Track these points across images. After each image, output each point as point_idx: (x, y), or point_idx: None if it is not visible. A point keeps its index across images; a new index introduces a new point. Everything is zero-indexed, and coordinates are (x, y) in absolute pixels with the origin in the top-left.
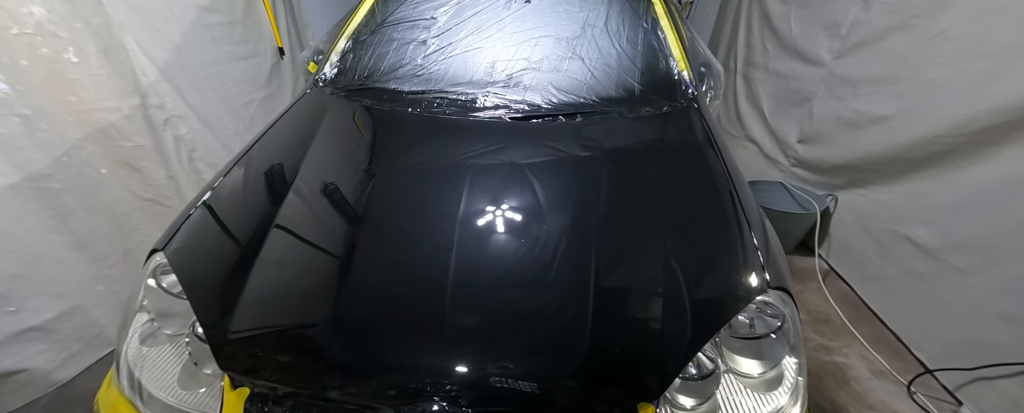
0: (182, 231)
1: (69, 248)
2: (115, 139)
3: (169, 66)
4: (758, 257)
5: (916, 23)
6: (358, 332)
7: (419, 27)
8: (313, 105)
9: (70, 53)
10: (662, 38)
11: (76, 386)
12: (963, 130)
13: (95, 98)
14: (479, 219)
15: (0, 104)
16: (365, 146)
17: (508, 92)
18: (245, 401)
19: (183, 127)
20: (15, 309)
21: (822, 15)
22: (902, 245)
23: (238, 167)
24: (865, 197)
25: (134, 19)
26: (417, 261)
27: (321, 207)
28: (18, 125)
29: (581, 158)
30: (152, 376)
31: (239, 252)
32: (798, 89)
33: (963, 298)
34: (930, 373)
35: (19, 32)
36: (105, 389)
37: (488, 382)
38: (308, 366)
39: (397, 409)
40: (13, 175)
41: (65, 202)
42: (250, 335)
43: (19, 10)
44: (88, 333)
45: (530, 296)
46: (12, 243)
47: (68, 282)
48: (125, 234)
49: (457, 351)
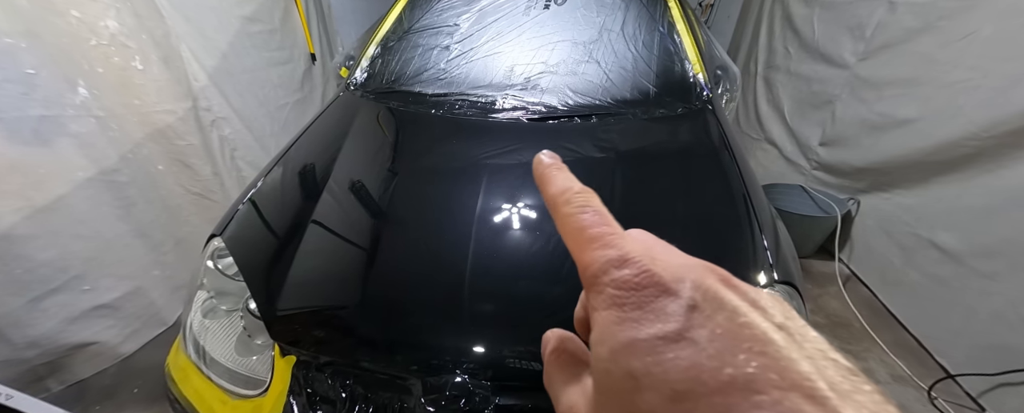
0: (234, 222)
1: (132, 235)
2: (170, 138)
3: (217, 72)
4: (767, 257)
5: (943, 24)
6: (385, 313)
7: (443, 33)
8: (344, 108)
9: (136, 61)
10: (678, 41)
11: (137, 360)
12: (991, 133)
13: (155, 101)
14: (496, 214)
15: (81, 107)
16: (392, 146)
17: (526, 94)
18: (293, 367)
19: (227, 128)
20: (89, 288)
21: (846, 17)
22: (926, 250)
23: (279, 166)
24: (889, 201)
25: (189, 29)
26: (438, 251)
27: (353, 202)
28: (94, 125)
29: (595, 158)
30: (213, 344)
31: (283, 241)
32: (820, 91)
33: (989, 303)
34: (952, 378)
35: (96, 43)
36: (174, 354)
37: (504, 360)
38: (344, 340)
39: (423, 379)
40: (90, 169)
41: (130, 194)
42: (296, 312)
43: (96, 23)
44: (147, 312)
45: (543, 287)
46: (88, 230)
47: (131, 266)
48: (177, 224)
49: (474, 332)
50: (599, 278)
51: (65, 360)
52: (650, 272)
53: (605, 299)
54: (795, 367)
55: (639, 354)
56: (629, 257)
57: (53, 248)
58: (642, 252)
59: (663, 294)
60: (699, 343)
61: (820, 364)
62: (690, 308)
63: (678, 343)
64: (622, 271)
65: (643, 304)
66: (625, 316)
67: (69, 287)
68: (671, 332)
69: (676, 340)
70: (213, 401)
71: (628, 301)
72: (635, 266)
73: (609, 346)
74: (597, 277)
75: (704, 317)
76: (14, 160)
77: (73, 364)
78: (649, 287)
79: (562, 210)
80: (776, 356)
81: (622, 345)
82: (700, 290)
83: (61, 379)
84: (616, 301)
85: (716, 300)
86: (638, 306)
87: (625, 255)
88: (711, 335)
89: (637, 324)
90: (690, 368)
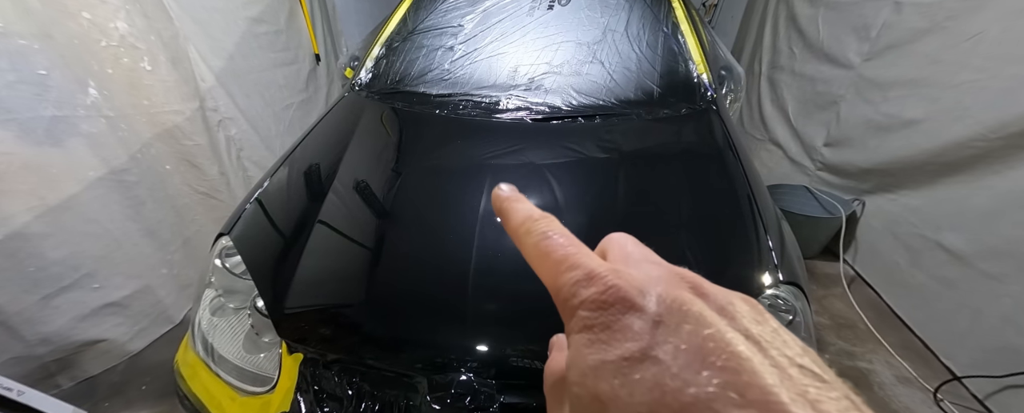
0: (241, 221)
1: (141, 234)
2: (178, 139)
3: (223, 73)
4: (772, 257)
5: (950, 25)
6: (391, 311)
7: (447, 34)
8: (350, 108)
9: (145, 62)
10: (682, 42)
11: (145, 357)
12: (998, 134)
13: (163, 102)
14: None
15: (91, 107)
16: (397, 146)
17: (530, 95)
18: (300, 364)
19: (233, 128)
20: (99, 286)
21: (851, 17)
22: (933, 251)
23: (286, 166)
24: (894, 202)
25: (197, 31)
26: (443, 251)
27: (359, 202)
28: (104, 126)
29: (599, 158)
30: (221, 341)
31: (290, 241)
32: (825, 92)
33: (996, 305)
34: (958, 380)
35: (107, 44)
36: (182, 351)
37: (508, 358)
38: (350, 338)
39: (429, 377)
40: (101, 169)
41: (139, 193)
42: (303, 311)
43: (107, 25)
44: (154, 311)
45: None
46: (98, 228)
47: (140, 264)
48: (184, 223)
49: (478, 330)
50: (569, 301)
51: (75, 357)
52: (615, 287)
53: (577, 322)
54: (758, 381)
55: (606, 377)
56: (594, 273)
57: (65, 246)
58: (607, 268)
59: (629, 310)
60: (663, 361)
61: (787, 373)
62: (655, 323)
63: (643, 363)
64: (589, 290)
65: (610, 324)
66: (594, 337)
67: (80, 285)
68: (636, 351)
69: (641, 360)
70: (222, 398)
71: (597, 321)
72: (600, 283)
73: (579, 369)
74: (568, 301)
75: (669, 331)
76: (27, 160)
77: (83, 361)
78: (615, 304)
79: (525, 240)
80: (739, 369)
81: (590, 368)
82: (665, 303)
83: (71, 376)
84: (586, 323)
85: (680, 312)
86: (606, 326)
87: (590, 272)
88: (675, 351)
89: (606, 345)
90: (654, 388)
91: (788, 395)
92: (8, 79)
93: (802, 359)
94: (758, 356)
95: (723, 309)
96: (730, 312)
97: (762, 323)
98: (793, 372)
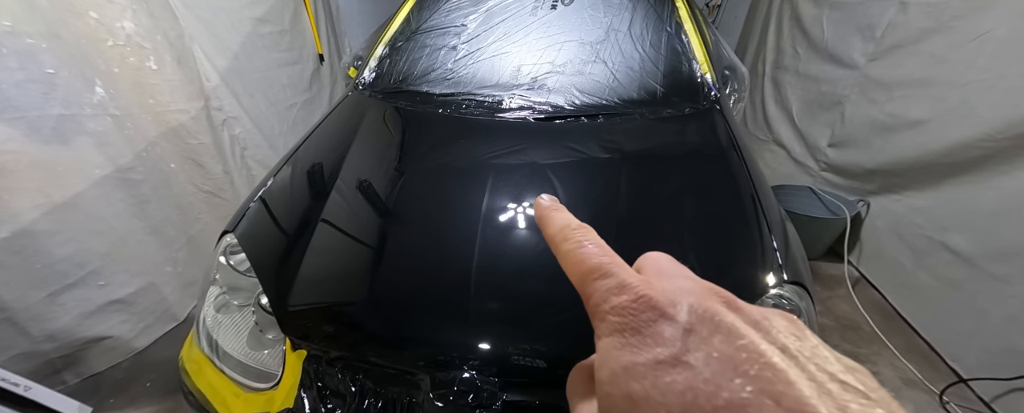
0: (246, 219)
1: (146, 232)
2: (183, 137)
3: (228, 72)
4: (776, 257)
5: (956, 25)
6: (393, 309)
7: (450, 34)
8: (353, 107)
9: (151, 61)
10: (685, 41)
11: (149, 354)
12: (1006, 134)
13: (169, 101)
14: (502, 213)
15: (98, 106)
16: (400, 145)
17: (532, 94)
18: (303, 361)
19: (238, 127)
20: (104, 283)
21: (856, 17)
22: (938, 252)
23: (290, 164)
24: (900, 203)
25: (202, 30)
26: (445, 249)
27: (362, 201)
28: (110, 124)
29: (602, 158)
30: (226, 338)
31: (294, 239)
32: (830, 92)
33: (1003, 307)
34: (964, 382)
35: (113, 43)
36: (187, 348)
37: (509, 357)
38: (353, 335)
39: (431, 375)
40: (106, 167)
41: (144, 192)
42: (306, 308)
43: (113, 24)
44: (159, 308)
45: (548, 286)
46: (104, 226)
47: (145, 262)
48: (189, 222)
49: (480, 329)
50: (600, 306)
51: (81, 353)
52: (646, 297)
53: (607, 326)
54: (793, 391)
55: (637, 378)
56: (626, 283)
57: (71, 244)
58: (639, 279)
59: (660, 318)
60: (695, 367)
61: (826, 387)
62: (687, 331)
63: (675, 367)
64: (620, 297)
65: (641, 329)
66: (625, 341)
67: (85, 282)
68: (668, 356)
69: (673, 364)
70: (226, 394)
71: (627, 326)
72: (632, 292)
73: (609, 370)
74: (598, 305)
75: (700, 340)
76: (35, 157)
77: (88, 357)
78: (646, 312)
79: (562, 246)
80: (773, 379)
81: (621, 368)
82: (696, 313)
83: (77, 372)
84: (616, 327)
85: (712, 322)
86: (637, 331)
87: (622, 282)
88: (707, 358)
89: (636, 348)
90: (686, 392)
91: (826, 408)
92: (17, 78)
93: (845, 376)
94: (794, 369)
95: (757, 323)
96: (764, 326)
97: (801, 339)
98: (833, 387)
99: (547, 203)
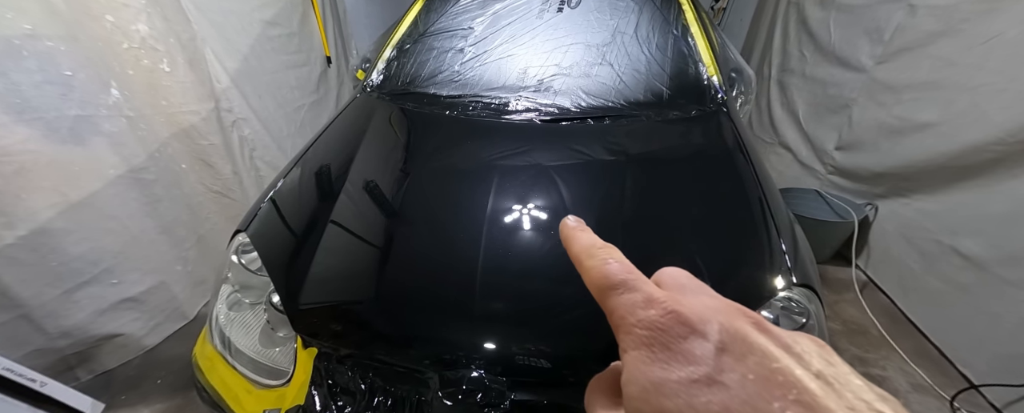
0: (257, 219)
1: (157, 231)
2: (194, 138)
3: (238, 74)
4: (785, 260)
5: (965, 27)
6: (401, 308)
7: (458, 36)
8: (361, 109)
9: (164, 63)
10: (692, 44)
11: (160, 352)
12: (1017, 138)
13: (181, 102)
14: (507, 214)
15: (113, 107)
16: (407, 146)
17: (539, 96)
18: (314, 359)
19: (247, 128)
20: (117, 281)
21: (864, 20)
22: (948, 256)
23: (300, 165)
24: (908, 206)
25: (213, 33)
26: (451, 249)
27: (370, 201)
28: (125, 125)
29: (607, 158)
30: (238, 335)
31: (305, 238)
32: (837, 95)
33: (1015, 311)
34: (975, 388)
35: (128, 46)
36: (201, 345)
37: (514, 356)
38: (363, 333)
39: (440, 373)
40: (121, 167)
41: (156, 191)
42: (317, 306)
43: (128, 27)
44: (169, 306)
45: (553, 286)
46: (117, 225)
47: (156, 261)
48: (198, 221)
49: (485, 328)
50: (626, 319)
51: (93, 350)
52: (676, 313)
53: (633, 340)
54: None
55: (670, 395)
56: (653, 298)
57: (85, 242)
58: (666, 294)
59: (691, 335)
60: (731, 388)
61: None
62: (719, 350)
63: (711, 387)
64: (648, 311)
65: (670, 344)
66: (654, 356)
67: (99, 280)
68: (702, 376)
69: (708, 384)
70: (238, 390)
71: (656, 341)
72: (660, 307)
73: (640, 385)
74: (624, 318)
75: (734, 360)
76: (52, 157)
77: (100, 354)
78: (675, 327)
79: (586, 263)
80: (813, 405)
81: (653, 385)
82: (728, 332)
83: (89, 369)
84: (644, 341)
85: (745, 343)
86: (666, 347)
87: (649, 296)
88: (743, 380)
89: (666, 365)
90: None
91: None
92: (36, 79)
93: (880, 404)
94: (832, 397)
95: (788, 347)
96: (796, 350)
97: (834, 365)
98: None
99: (573, 225)
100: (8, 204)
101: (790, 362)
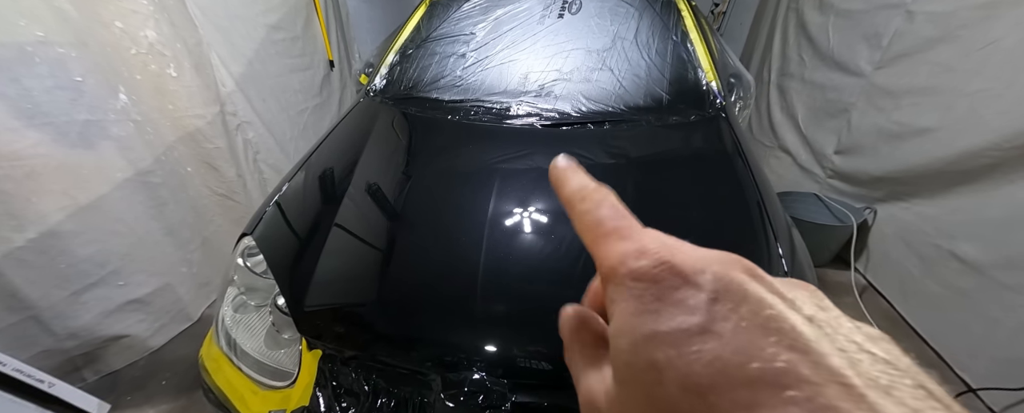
0: (262, 222)
1: (163, 233)
2: (199, 142)
3: (243, 78)
4: (782, 264)
5: (963, 34)
6: (404, 310)
7: (459, 42)
8: (364, 113)
9: (171, 68)
10: (691, 49)
11: (165, 353)
12: (1014, 143)
13: (187, 106)
14: (508, 218)
15: (121, 111)
16: (409, 150)
17: (540, 101)
18: (318, 361)
19: (251, 132)
20: (123, 283)
21: (862, 25)
22: (947, 260)
23: (304, 169)
24: (907, 210)
25: (219, 37)
26: (453, 252)
27: (374, 205)
28: (132, 129)
29: (608, 164)
30: (243, 337)
31: (310, 242)
32: (836, 99)
33: (1013, 316)
34: (974, 393)
35: (136, 52)
36: (207, 346)
37: (516, 359)
38: (365, 336)
39: (442, 375)
40: (128, 170)
41: (162, 194)
42: (321, 309)
43: (137, 33)
44: (174, 308)
45: (554, 290)
46: (124, 227)
47: (162, 263)
48: (203, 224)
49: (487, 331)
50: (617, 270)
51: (99, 351)
52: (669, 263)
53: (623, 291)
54: (826, 361)
55: (661, 346)
56: (647, 248)
57: (93, 244)
58: (660, 244)
59: (683, 285)
60: (723, 336)
61: (854, 357)
62: (712, 300)
63: (701, 336)
64: (640, 262)
65: (663, 296)
66: (644, 308)
67: (106, 282)
68: (694, 325)
69: (699, 333)
70: (244, 391)
71: (647, 293)
72: (653, 257)
73: (630, 338)
74: (615, 269)
75: (727, 309)
76: (61, 161)
77: (107, 355)
78: (668, 278)
79: (578, 207)
80: (806, 349)
81: (644, 337)
82: (722, 281)
83: (96, 369)
84: (635, 293)
85: (739, 292)
86: (658, 298)
87: (643, 247)
88: (735, 328)
89: (657, 316)
90: (714, 361)
91: (860, 379)
92: (47, 85)
93: (871, 346)
94: (825, 340)
95: (782, 294)
96: (789, 297)
97: (825, 309)
98: (863, 357)
99: (564, 164)
100: (19, 207)
101: (783, 308)
